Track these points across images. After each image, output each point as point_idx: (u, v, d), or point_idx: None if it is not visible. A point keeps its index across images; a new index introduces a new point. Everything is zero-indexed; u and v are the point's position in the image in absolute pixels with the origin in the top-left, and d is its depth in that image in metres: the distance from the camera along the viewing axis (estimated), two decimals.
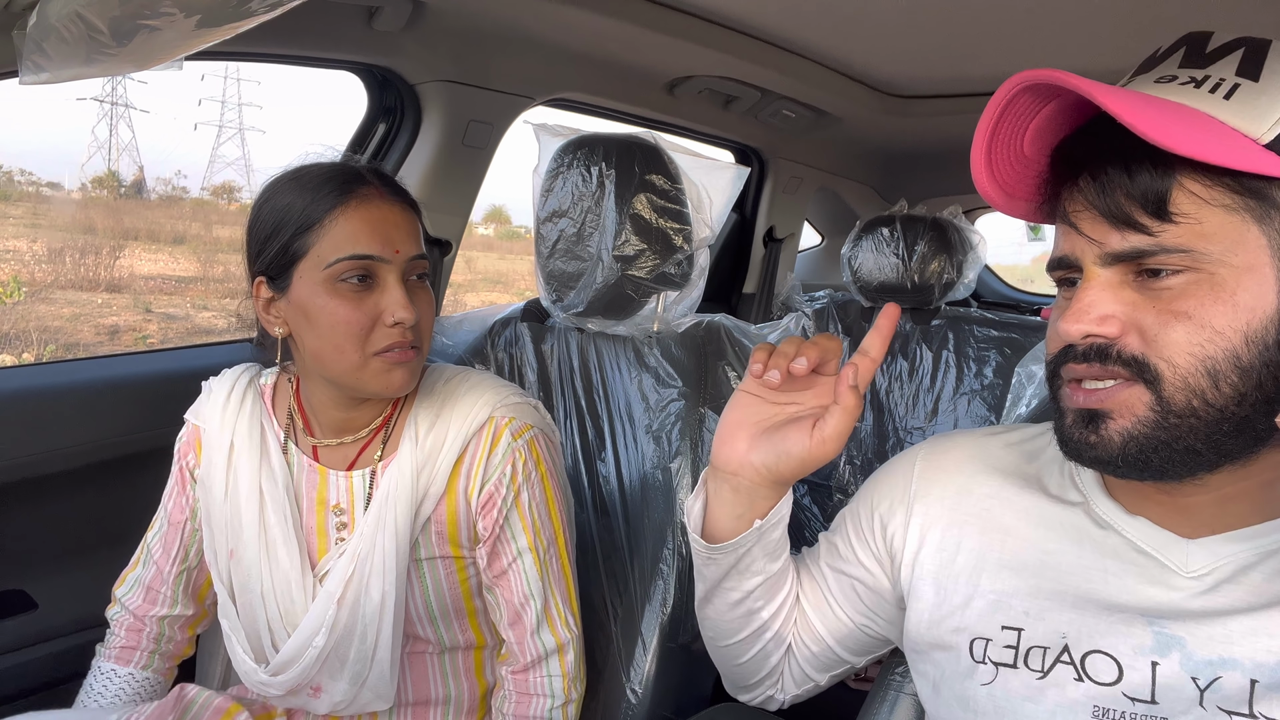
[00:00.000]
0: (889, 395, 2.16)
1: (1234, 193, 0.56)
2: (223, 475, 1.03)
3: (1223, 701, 0.58)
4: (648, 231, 1.28)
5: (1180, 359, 0.57)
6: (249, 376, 1.09)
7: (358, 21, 1.29)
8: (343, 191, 0.93)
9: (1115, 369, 0.60)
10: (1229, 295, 0.57)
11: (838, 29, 1.49)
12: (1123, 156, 0.58)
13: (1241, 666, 0.58)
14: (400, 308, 0.93)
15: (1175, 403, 0.58)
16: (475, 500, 1.02)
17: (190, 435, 1.09)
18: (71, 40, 0.79)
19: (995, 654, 0.68)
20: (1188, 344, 0.57)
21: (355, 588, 0.99)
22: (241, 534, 1.02)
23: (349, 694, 1.02)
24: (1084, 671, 0.64)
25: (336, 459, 1.05)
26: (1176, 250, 0.57)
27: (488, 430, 1.02)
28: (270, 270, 0.95)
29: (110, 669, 1.09)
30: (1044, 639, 0.66)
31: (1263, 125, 0.56)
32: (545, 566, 1.05)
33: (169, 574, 1.10)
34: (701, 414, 1.30)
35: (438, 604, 1.06)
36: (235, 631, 1.04)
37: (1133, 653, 0.62)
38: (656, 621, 1.25)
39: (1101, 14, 1.28)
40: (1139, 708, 0.61)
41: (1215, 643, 0.60)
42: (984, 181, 0.66)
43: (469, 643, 1.12)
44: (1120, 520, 0.67)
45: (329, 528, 1.04)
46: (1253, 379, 0.57)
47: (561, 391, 1.42)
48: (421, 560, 1.03)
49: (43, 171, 18.87)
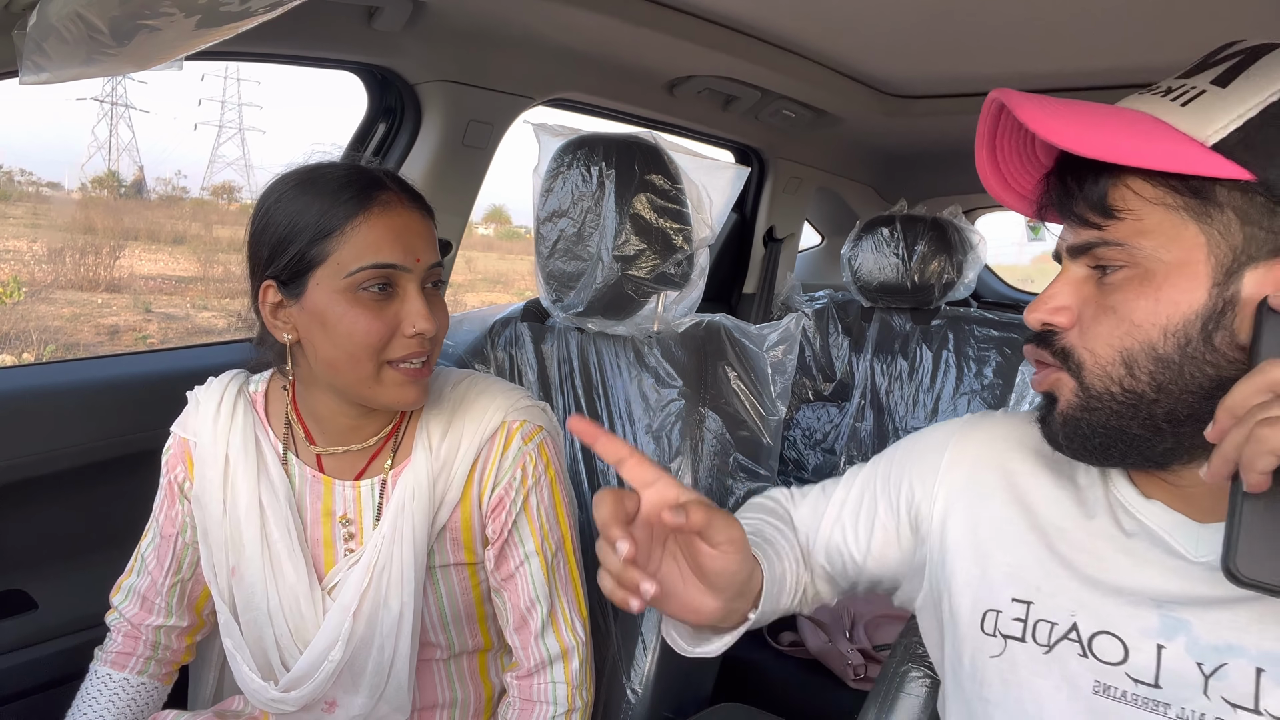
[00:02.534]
0: (889, 395, 2.16)
1: (1176, 193, 0.59)
2: (219, 491, 1.00)
3: (1228, 692, 0.58)
4: (648, 231, 1.28)
5: (1101, 349, 0.62)
6: (238, 385, 1.05)
7: (358, 21, 1.29)
8: (364, 198, 0.90)
9: (1045, 355, 0.66)
10: (1154, 290, 0.60)
11: (838, 29, 1.49)
12: (1074, 161, 0.63)
13: (1248, 654, 0.58)
14: (421, 318, 0.91)
15: (1094, 388, 0.63)
16: (486, 503, 1.01)
17: (179, 449, 1.05)
18: (71, 40, 0.79)
19: (1005, 627, 0.69)
20: (1109, 335, 0.62)
21: (373, 600, 0.97)
22: (243, 550, 0.99)
23: (366, 707, 1.00)
24: (1089, 649, 0.64)
25: (343, 468, 1.02)
26: (1114, 244, 0.61)
27: (500, 434, 1.01)
28: (282, 275, 0.92)
29: (106, 673, 1.08)
30: (1052, 614, 0.67)
31: (1209, 129, 0.58)
32: (553, 571, 1.04)
33: (162, 585, 1.08)
34: (701, 414, 1.30)
35: (451, 611, 1.05)
36: (240, 650, 1.01)
37: (1139, 634, 0.63)
38: (656, 621, 1.25)
39: (1101, 14, 1.28)
40: (1141, 689, 0.61)
41: (1222, 628, 0.60)
42: (990, 180, 0.70)
43: (476, 646, 1.11)
44: (1136, 503, 0.68)
45: (336, 539, 1.01)
46: (1173, 370, 0.60)
47: (561, 391, 1.42)
48: (435, 568, 1.02)
49: (43, 171, 18.89)
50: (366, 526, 1.00)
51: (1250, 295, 0.58)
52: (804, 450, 2.33)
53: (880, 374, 2.17)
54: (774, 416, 1.32)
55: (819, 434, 2.32)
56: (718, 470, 1.30)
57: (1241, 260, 0.58)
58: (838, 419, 2.29)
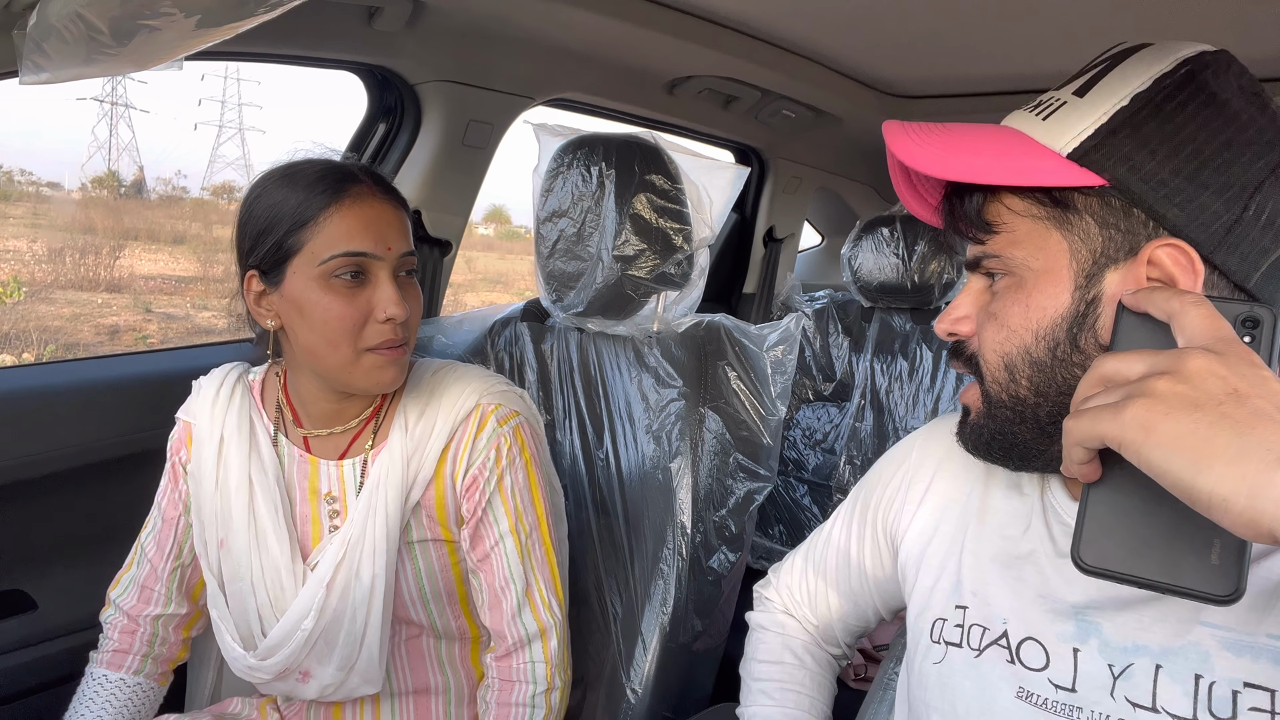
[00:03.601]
0: (889, 395, 2.16)
1: (1040, 204, 0.62)
2: (212, 468, 1.05)
3: (1130, 692, 0.59)
4: (648, 231, 1.28)
5: (989, 354, 0.65)
6: (238, 373, 1.11)
7: (358, 21, 1.29)
8: (336, 190, 0.95)
9: (958, 364, 0.69)
10: (1025, 296, 0.62)
11: (838, 29, 1.49)
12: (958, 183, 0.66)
13: (1150, 652, 0.59)
14: (392, 304, 0.95)
15: (991, 393, 0.65)
16: (460, 483, 1.04)
17: (181, 431, 1.10)
18: (71, 40, 0.79)
19: (948, 633, 0.71)
20: (993, 341, 0.64)
21: (346, 572, 1.01)
22: (232, 523, 1.04)
23: (337, 678, 1.04)
24: (1017, 655, 0.66)
25: (328, 449, 1.06)
26: (993, 256, 0.64)
27: (474, 416, 1.04)
28: (263, 265, 0.97)
29: (102, 674, 1.09)
30: (986, 620, 0.69)
31: (1063, 139, 0.61)
32: (527, 551, 1.06)
33: (163, 571, 1.11)
34: (701, 414, 1.30)
35: (430, 586, 1.08)
36: (224, 620, 1.05)
37: (1057, 639, 0.64)
38: (656, 621, 1.25)
39: (1101, 14, 1.28)
40: (1061, 695, 0.63)
41: (1129, 629, 0.61)
42: (909, 201, 0.75)
43: (462, 632, 1.13)
44: (1066, 507, 0.68)
45: (322, 516, 1.06)
46: (1046, 373, 0.62)
47: (561, 391, 1.42)
48: (414, 543, 1.05)
49: (43, 171, 18.84)
50: (350, 504, 1.05)
51: (1112, 295, 0.59)
52: (804, 450, 2.34)
53: (880, 374, 2.17)
54: (774, 416, 1.32)
55: (819, 434, 2.32)
56: (718, 470, 1.30)
57: (1102, 263, 0.60)
58: (838, 419, 2.29)
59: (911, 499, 0.81)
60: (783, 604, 0.99)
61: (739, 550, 1.33)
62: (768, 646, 0.96)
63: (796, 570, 0.98)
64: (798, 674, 0.93)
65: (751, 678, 0.95)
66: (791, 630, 0.97)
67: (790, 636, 0.97)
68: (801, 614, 0.97)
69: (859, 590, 0.90)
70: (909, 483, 0.82)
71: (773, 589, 1.01)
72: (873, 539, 0.87)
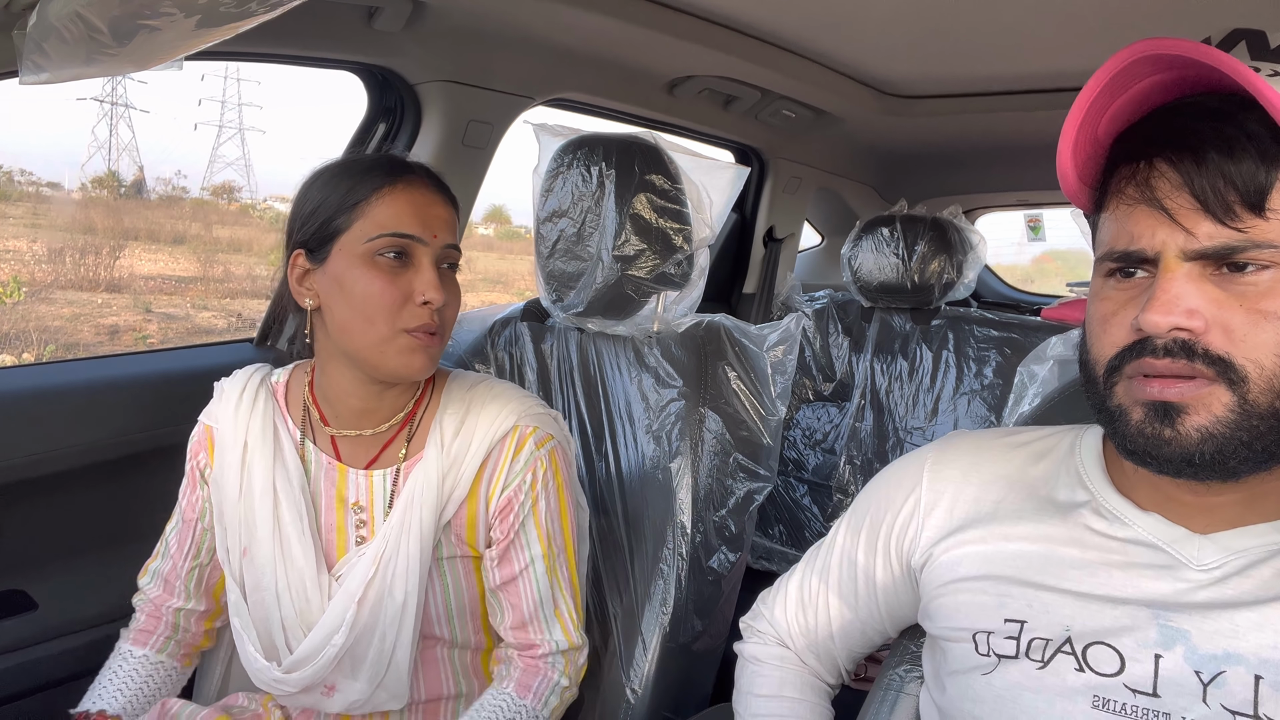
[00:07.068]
0: (889, 395, 2.16)
1: None
2: (236, 475, 1.04)
3: (1227, 699, 0.58)
4: (648, 231, 1.28)
5: (1268, 360, 0.56)
6: (260, 376, 1.09)
7: (358, 21, 1.29)
8: (390, 175, 0.97)
9: (1199, 367, 0.57)
10: None
11: (838, 29, 1.49)
12: (1226, 143, 0.56)
13: (1246, 662, 0.58)
14: (431, 288, 0.95)
15: (1259, 405, 0.57)
16: (494, 504, 1.04)
17: (202, 435, 1.09)
18: (71, 40, 0.79)
19: (998, 645, 0.68)
20: (1276, 345, 0.56)
21: (378, 589, 1.00)
22: (255, 532, 1.02)
23: (365, 693, 1.03)
24: (1085, 662, 0.64)
25: (357, 455, 1.05)
26: (1268, 246, 0.55)
27: (512, 437, 1.04)
28: (310, 243, 0.98)
29: (128, 649, 1.11)
30: (1047, 631, 0.66)
31: None
32: (554, 574, 1.06)
33: (182, 569, 1.11)
34: (701, 414, 1.30)
35: (456, 603, 1.07)
36: (246, 630, 1.04)
37: (1136, 645, 0.62)
38: (656, 621, 1.25)
39: (1102, 13, 1.28)
40: (1140, 700, 0.61)
41: (1221, 636, 0.59)
42: (1066, 164, 0.64)
43: (479, 643, 1.13)
44: (1131, 515, 0.67)
45: (348, 526, 1.04)
46: None
47: (561, 391, 1.42)
48: (443, 560, 1.05)
49: (43, 171, 18.83)
50: (378, 516, 1.03)
51: None
52: (804, 450, 2.34)
53: (880, 374, 2.17)
54: (774, 416, 1.32)
55: (819, 434, 2.32)
56: (718, 470, 1.30)
57: None
58: (838, 419, 2.29)
59: (930, 526, 0.77)
60: (776, 635, 0.94)
61: (739, 550, 1.33)
62: (765, 680, 0.91)
63: (793, 585, 0.93)
64: (799, 709, 0.88)
65: (750, 713, 0.90)
66: (790, 664, 0.92)
67: (788, 669, 0.92)
68: (796, 644, 0.92)
69: (865, 596, 0.85)
70: (927, 509, 0.78)
71: (763, 620, 0.95)
72: (884, 557, 0.82)
